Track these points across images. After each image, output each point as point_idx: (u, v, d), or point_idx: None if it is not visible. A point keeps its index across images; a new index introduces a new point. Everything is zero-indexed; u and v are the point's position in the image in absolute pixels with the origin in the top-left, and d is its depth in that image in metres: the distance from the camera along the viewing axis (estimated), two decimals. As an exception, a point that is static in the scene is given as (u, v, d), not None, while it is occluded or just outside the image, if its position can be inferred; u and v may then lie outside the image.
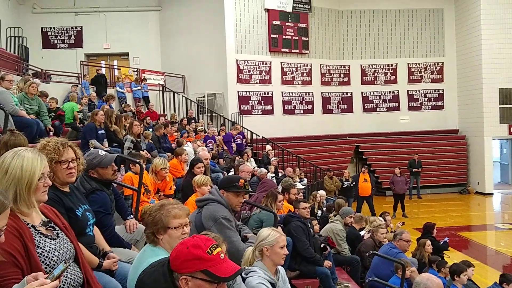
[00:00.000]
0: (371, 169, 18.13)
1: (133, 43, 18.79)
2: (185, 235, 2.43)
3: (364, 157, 19.75)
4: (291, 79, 18.84)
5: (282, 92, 18.66)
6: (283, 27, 18.24)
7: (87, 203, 2.93)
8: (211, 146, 11.85)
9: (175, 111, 15.84)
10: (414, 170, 17.30)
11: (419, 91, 20.60)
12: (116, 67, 17.38)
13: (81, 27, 18.85)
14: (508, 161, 20.70)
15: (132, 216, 4.11)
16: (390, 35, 20.42)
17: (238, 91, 17.63)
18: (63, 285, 2.04)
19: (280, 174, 12.10)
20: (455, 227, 13.42)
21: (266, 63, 18.18)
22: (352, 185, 14.10)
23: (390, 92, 20.59)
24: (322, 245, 5.80)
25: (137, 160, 5.28)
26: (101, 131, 7.59)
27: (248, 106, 17.82)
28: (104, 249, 2.98)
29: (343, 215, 7.45)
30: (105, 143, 7.56)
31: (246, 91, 17.79)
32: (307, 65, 19.21)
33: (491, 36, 18.27)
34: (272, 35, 18.02)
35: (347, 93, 20.49)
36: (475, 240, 12.26)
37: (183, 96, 16.72)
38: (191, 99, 16.80)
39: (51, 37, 18.79)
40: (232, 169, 9.18)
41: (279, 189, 7.16)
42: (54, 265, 1.97)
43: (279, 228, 3.92)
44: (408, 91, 20.58)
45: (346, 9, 20.24)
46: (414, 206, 16.76)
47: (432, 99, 20.68)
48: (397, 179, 14.69)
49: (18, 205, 1.93)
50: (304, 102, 19.23)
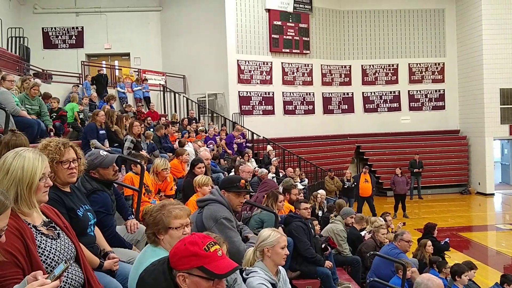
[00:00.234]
0: (372, 169, 18.13)
1: (134, 43, 18.80)
2: (186, 235, 2.42)
3: (365, 157, 19.73)
4: (292, 79, 18.84)
5: (283, 93, 18.65)
6: (284, 27, 18.24)
7: (88, 203, 2.93)
8: (212, 147, 11.85)
9: (176, 111, 15.83)
10: (415, 170, 17.29)
11: (420, 91, 20.60)
12: (117, 67, 17.38)
13: (82, 27, 18.87)
14: (509, 161, 20.67)
15: (133, 217, 4.11)
16: (391, 35, 20.41)
17: (239, 91, 17.63)
18: (64, 285, 2.04)
19: (281, 175, 12.09)
20: (456, 227, 13.41)
21: (267, 63, 18.18)
22: (353, 185, 14.10)
23: (391, 92, 20.58)
24: (323, 246, 5.80)
25: (138, 161, 5.28)
26: (102, 131, 7.60)
27: (249, 106, 17.82)
28: (105, 249, 2.97)
29: (344, 216, 7.44)
30: (106, 143, 7.56)
31: (247, 91, 17.79)
32: (308, 65, 19.20)
33: (492, 36, 18.25)
34: (273, 35, 18.02)
35: (348, 94, 20.48)
36: (476, 240, 12.24)
37: (184, 96, 16.72)
38: (192, 99, 16.80)
39: (52, 37, 18.81)
40: (233, 169, 9.18)
41: (279, 189, 7.16)
42: (55, 265, 1.97)
43: (280, 229, 3.93)
44: (409, 91, 20.57)
45: (347, 9, 20.23)
46: (415, 206, 16.74)
47: (433, 99, 20.66)
48: (398, 179, 14.67)
49: (19, 205, 1.93)
50: (305, 102, 19.22)
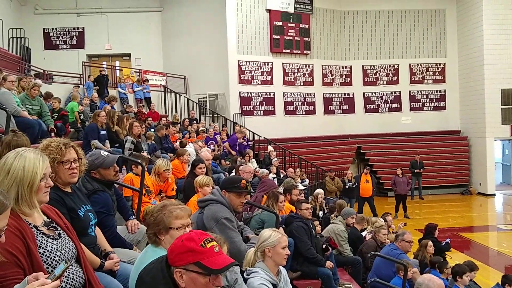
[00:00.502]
0: (373, 170, 18.12)
1: (135, 44, 18.81)
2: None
3: (365, 158, 19.73)
4: (293, 80, 18.84)
5: (284, 93, 18.66)
6: (284, 27, 18.24)
7: (89, 203, 2.93)
8: (212, 147, 11.86)
9: (176, 111, 15.83)
10: (416, 171, 17.26)
11: (420, 91, 20.59)
12: (118, 68, 17.39)
13: (83, 28, 18.88)
14: (510, 162, 20.65)
15: (133, 217, 4.11)
16: (392, 36, 20.41)
17: (240, 92, 17.63)
18: (65, 285, 2.04)
19: (281, 175, 12.09)
20: (457, 228, 13.39)
21: (268, 64, 18.19)
22: (354, 186, 14.09)
23: (391, 92, 20.58)
24: (324, 246, 5.80)
25: (139, 161, 5.28)
26: (103, 132, 7.60)
27: (249, 106, 17.82)
28: (105, 250, 2.98)
29: (344, 216, 7.45)
30: (107, 143, 7.57)
31: (248, 92, 17.79)
32: (308, 66, 19.20)
33: (493, 36, 18.23)
34: (273, 36, 18.03)
35: (348, 94, 20.48)
36: (477, 241, 12.23)
37: (184, 96, 16.72)
38: (192, 100, 16.80)
39: (53, 38, 18.82)
40: (234, 169, 9.17)
41: (280, 189, 7.16)
42: (56, 265, 1.97)
43: (280, 229, 3.93)
44: (409, 91, 20.56)
45: (347, 9, 20.23)
46: (416, 207, 16.73)
47: (434, 99, 20.65)
48: (399, 179, 14.66)
49: (20, 206, 1.93)
50: (305, 102, 19.22)
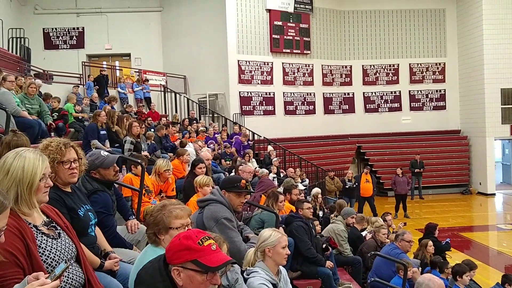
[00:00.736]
0: (373, 169, 18.10)
1: (134, 44, 18.81)
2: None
3: (365, 157, 19.73)
4: (293, 80, 18.84)
5: (284, 93, 18.65)
6: (284, 27, 18.24)
7: (89, 203, 2.93)
8: (212, 146, 11.86)
9: (176, 111, 15.84)
10: (416, 170, 17.27)
11: (420, 91, 20.59)
12: (117, 67, 17.40)
13: (82, 28, 18.88)
14: (510, 161, 20.65)
15: (133, 217, 4.11)
16: (392, 36, 20.41)
17: (240, 92, 17.63)
18: (65, 285, 2.04)
19: (281, 175, 12.09)
20: (457, 227, 13.40)
21: (268, 64, 18.19)
22: (354, 185, 14.10)
23: (391, 92, 20.58)
24: (324, 246, 5.80)
25: (139, 161, 5.27)
26: (102, 132, 7.60)
27: (249, 106, 17.82)
28: (105, 250, 2.98)
29: (344, 216, 7.45)
30: (107, 143, 7.56)
31: (248, 92, 17.79)
32: (308, 66, 19.20)
33: (492, 36, 18.24)
34: (273, 36, 18.03)
35: (348, 94, 20.47)
36: (477, 240, 12.23)
37: (184, 96, 16.73)
38: (192, 100, 16.81)
39: (53, 38, 18.83)
40: (234, 169, 9.17)
41: (280, 189, 7.16)
42: (56, 264, 1.97)
43: (280, 229, 3.93)
44: (409, 91, 20.56)
45: (347, 9, 20.23)
46: (416, 206, 16.74)
47: (434, 99, 20.65)
48: (399, 179, 14.66)
49: (19, 206, 1.93)
50: (305, 102, 19.22)
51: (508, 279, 6.44)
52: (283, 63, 18.52)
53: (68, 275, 2.07)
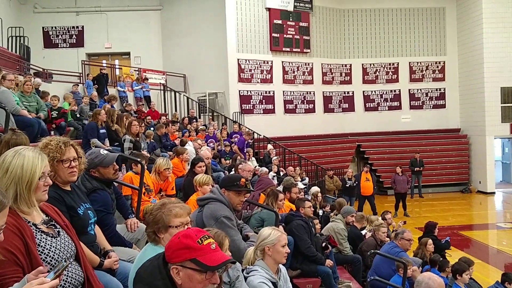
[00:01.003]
0: (373, 168, 18.11)
1: (134, 42, 18.79)
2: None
3: (365, 156, 19.73)
4: (293, 78, 18.83)
5: (284, 91, 18.64)
6: (284, 26, 18.22)
7: (88, 201, 2.93)
8: (212, 145, 11.85)
9: (176, 110, 15.83)
10: (415, 169, 17.28)
11: (420, 90, 20.57)
12: (117, 66, 17.38)
13: (82, 27, 18.86)
14: (509, 160, 20.67)
15: (133, 215, 4.11)
16: (392, 34, 20.39)
17: (240, 90, 17.62)
18: (64, 284, 2.04)
19: (281, 173, 12.09)
20: (457, 226, 13.40)
21: (268, 62, 18.17)
22: (354, 184, 14.10)
23: (391, 91, 20.57)
24: (324, 244, 5.80)
25: (139, 160, 5.27)
26: (102, 130, 7.60)
27: (249, 105, 17.81)
28: (105, 248, 2.98)
29: (344, 214, 7.45)
30: (106, 142, 7.57)
31: (248, 90, 17.78)
32: (308, 64, 19.19)
33: (492, 34, 18.22)
34: (273, 34, 18.01)
35: (348, 92, 20.46)
36: (476, 239, 12.24)
37: (184, 95, 16.72)
38: (192, 99, 16.80)
39: (52, 37, 18.80)
40: (233, 168, 9.16)
41: (280, 188, 7.16)
42: (55, 263, 1.97)
43: (280, 227, 3.93)
44: (409, 90, 20.54)
45: (347, 8, 20.21)
46: (416, 205, 16.74)
47: (434, 98, 20.64)
48: (398, 178, 14.66)
49: (19, 204, 1.93)
50: (305, 101, 19.21)
51: (508, 277, 6.44)
52: (282, 61, 18.51)
53: (68, 273, 2.07)
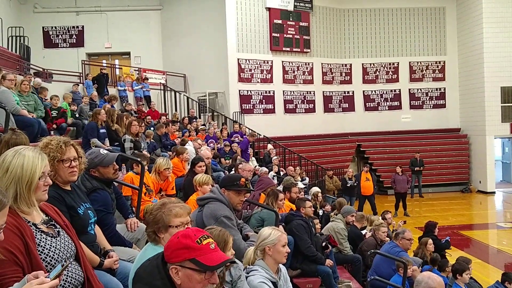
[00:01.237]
0: (373, 168, 18.12)
1: (134, 42, 18.79)
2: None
3: (365, 156, 19.73)
4: (293, 78, 18.83)
5: (284, 91, 18.64)
6: (284, 26, 18.22)
7: (88, 201, 2.93)
8: (212, 145, 11.85)
9: (176, 110, 15.83)
10: (415, 169, 17.28)
11: (420, 89, 20.57)
12: (117, 66, 17.38)
13: (82, 27, 18.86)
14: (510, 159, 20.67)
15: (133, 215, 4.11)
16: (392, 34, 20.39)
17: (240, 90, 17.62)
18: (64, 283, 2.04)
19: (281, 173, 12.09)
20: (457, 225, 13.40)
21: (268, 62, 18.17)
22: (355, 184, 14.10)
23: (391, 90, 20.57)
24: (324, 244, 5.80)
25: (139, 159, 5.27)
26: (102, 130, 7.60)
27: (249, 105, 17.82)
28: (105, 248, 2.97)
29: (344, 214, 7.45)
30: (106, 142, 7.57)
31: (248, 90, 17.78)
32: (308, 64, 19.19)
33: (493, 34, 18.22)
34: (273, 34, 18.01)
35: (348, 92, 20.46)
36: (477, 238, 12.24)
37: (184, 95, 16.72)
38: (192, 98, 16.80)
39: (52, 37, 18.80)
40: (233, 168, 9.16)
41: (280, 187, 7.15)
42: (55, 263, 1.97)
43: (280, 227, 3.93)
44: (409, 89, 20.55)
45: (347, 7, 20.21)
46: (416, 204, 16.74)
47: (434, 97, 20.64)
48: (398, 178, 14.66)
49: (18, 204, 1.93)
50: (305, 101, 19.21)
51: (508, 277, 6.44)
52: (283, 61, 18.51)
53: (68, 273, 2.06)
